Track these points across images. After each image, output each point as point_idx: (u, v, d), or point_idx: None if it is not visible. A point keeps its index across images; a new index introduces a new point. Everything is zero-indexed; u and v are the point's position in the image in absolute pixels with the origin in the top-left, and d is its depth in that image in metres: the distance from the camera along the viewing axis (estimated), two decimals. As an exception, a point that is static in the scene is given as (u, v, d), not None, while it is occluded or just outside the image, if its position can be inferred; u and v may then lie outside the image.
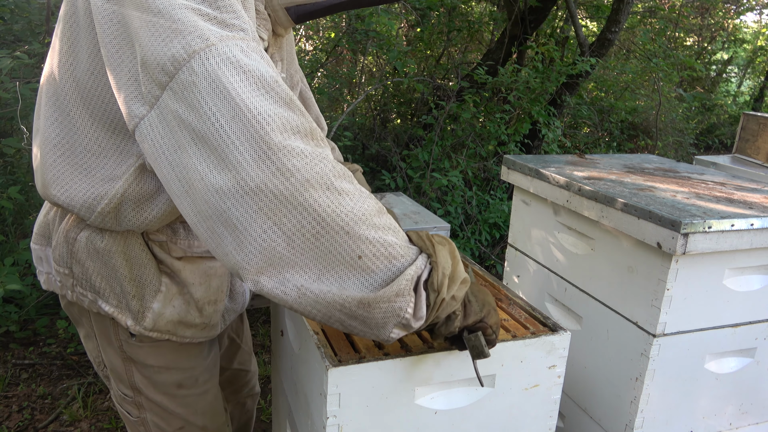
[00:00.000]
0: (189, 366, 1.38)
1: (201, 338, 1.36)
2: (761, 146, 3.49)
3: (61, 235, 1.21)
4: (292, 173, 0.86)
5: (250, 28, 0.95)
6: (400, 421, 1.13)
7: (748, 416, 1.72)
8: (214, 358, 1.49)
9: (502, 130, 4.66)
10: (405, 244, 0.93)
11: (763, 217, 1.45)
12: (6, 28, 3.54)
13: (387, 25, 4.69)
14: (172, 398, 1.37)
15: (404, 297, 0.90)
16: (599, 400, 1.67)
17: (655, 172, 1.94)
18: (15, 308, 3.20)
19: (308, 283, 0.90)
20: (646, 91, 7.55)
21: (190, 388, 1.40)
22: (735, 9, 11.40)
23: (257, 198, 0.86)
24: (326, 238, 0.87)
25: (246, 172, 0.86)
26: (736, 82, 14.07)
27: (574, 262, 1.76)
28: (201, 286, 1.29)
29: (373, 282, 0.89)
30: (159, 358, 1.32)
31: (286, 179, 0.86)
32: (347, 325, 0.93)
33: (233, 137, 0.86)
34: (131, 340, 1.29)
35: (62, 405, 2.74)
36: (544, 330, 1.24)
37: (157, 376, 1.34)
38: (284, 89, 0.90)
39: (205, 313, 1.31)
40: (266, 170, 0.86)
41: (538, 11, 5.60)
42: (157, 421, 1.39)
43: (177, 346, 1.34)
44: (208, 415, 1.45)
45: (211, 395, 1.47)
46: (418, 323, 0.93)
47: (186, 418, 1.41)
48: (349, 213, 0.88)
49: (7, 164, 3.64)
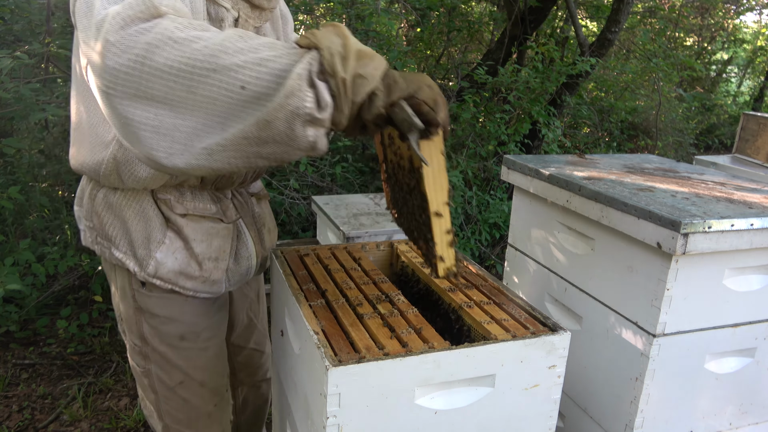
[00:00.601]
0: (192, 320, 1.50)
1: (204, 293, 1.48)
2: (761, 146, 3.49)
3: (86, 194, 1.43)
4: (131, 47, 0.89)
5: None
6: (400, 421, 1.13)
7: (748, 416, 1.72)
8: (220, 320, 1.60)
9: (502, 130, 4.66)
10: (285, 51, 0.92)
11: (763, 217, 1.45)
12: (6, 28, 3.54)
13: (387, 25, 4.69)
14: (174, 350, 1.50)
15: (297, 95, 0.89)
16: (599, 400, 1.67)
17: (655, 172, 1.94)
18: (15, 308, 3.21)
19: (213, 139, 0.91)
20: (646, 91, 7.54)
21: (191, 342, 1.51)
22: (735, 9, 11.39)
23: (120, 88, 0.91)
24: (200, 87, 0.88)
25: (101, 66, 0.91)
26: (736, 82, 14.07)
27: (574, 262, 1.76)
28: (202, 243, 1.43)
29: (267, 100, 0.90)
30: (165, 309, 1.46)
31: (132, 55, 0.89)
32: (267, 155, 0.94)
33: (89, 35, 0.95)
34: (142, 289, 1.44)
35: (62, 405, 2.74)
36: (544, 330, 1.24)
37: (162, 326, 1.47)
38: None
39: (205, 268, 1.45)
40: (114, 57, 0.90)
41: (538, 11, 5.60)
42: (160, 373, 1.52)
43: (183, 300, 1.47)
44: (207, 371, 1.56)
45: (211, 352, 1.57)
46: (325, 113, 0.92)
47: (186, 372, 1.53)
48: (205, 52, 0.87)
49: (7, 164, 3.64)
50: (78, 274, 3.49)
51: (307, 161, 4.12)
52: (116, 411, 2.73)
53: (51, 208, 3.69)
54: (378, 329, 1.20)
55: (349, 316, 1.25)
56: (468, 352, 1.14)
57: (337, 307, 1.29)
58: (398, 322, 1.24)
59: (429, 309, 1.48)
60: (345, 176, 4.31)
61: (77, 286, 3.52)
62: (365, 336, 1.17)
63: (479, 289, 1.44)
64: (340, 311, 1.27)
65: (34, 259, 3.14)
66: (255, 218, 1.61)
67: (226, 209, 1.51)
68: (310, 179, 4.17)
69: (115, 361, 3.07)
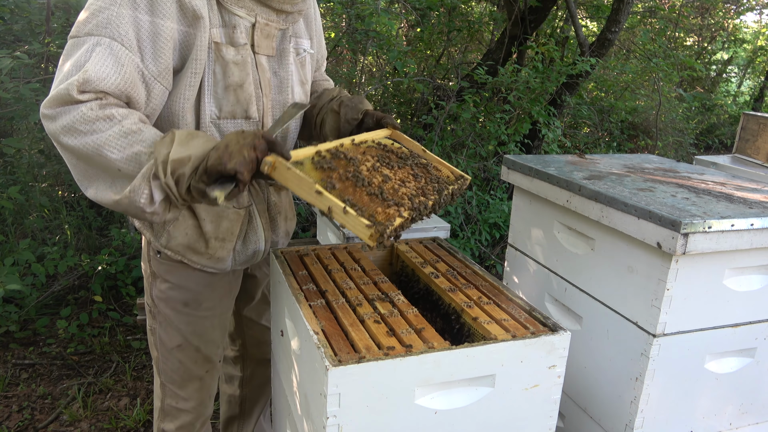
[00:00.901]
0: (197, 290, 1.65)
1: (210, 267, 1.62)
2: (761, 146, 3.49)
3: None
4: (54, 122, 1.26)
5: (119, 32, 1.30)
6: (400, 421, 1.13)
7: (748, 416, 1.72)
8: (225, 294, 1.73)
9: (502, 130, 4.66)
10: (149, 148, 1.24)
11: (763, 217, 1.45)
12: (6, 28, 3.54)
13: (387, 25, 4.69)
14: (177, 314, 1.66)
15: (136, 192, 1.22)
16: (599, 400, 1.67)
17: (655, 172, 1.94)
18: (15, 308, 3.21)
19: (100, 191, 1.29)
20: (646, 91, 7.55)
21: (193, 309, 1.67)
22: (735, 9, 11.39)
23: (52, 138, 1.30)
24: (93, 162, 1.27)
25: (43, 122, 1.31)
26: (736, 82, 14.06)
27: (574, 262, 1.76)
28: (212, 224, 1.56)
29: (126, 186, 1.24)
30: (173, 276, 1.63)
31: (53, 128, 1.26)
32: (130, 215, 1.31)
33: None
34: (157, 256, 1.62)
35: (62, 405, 2.74)
36: (544, 330, 1.24)
37: (170, 291, 1.64)
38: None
39: (211, 246, 1.58)
40: (47, 123, 1.28)
41: (538, 11, 5.60)
42: (162, 333, 1.69)
43: (190, 270, 1.62)
44: (203, 338, 1.71)
45: (209, 323, 1.71)
46: (153, 207, 1.24)
47: (185, 336, 1.68)
48: (96, 144, 1.24)
49: (7, 164, 3.64)
50: (78, 274, 3.49)
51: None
52: (116, 411, 2.73)
53: (51, 208, 3.69)
54: (378, 329, 1.20)
55: (349, 316, 1.25)
56: (468, 352, 1.14)
57: (337, 307, 1.29)
58: (398, 322, 1.24)
59: (429, 309, 1.48)
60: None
61: (77, 286, 3.52)
62: (365, 336, 1.17)
63: (479, 289, 1.44)
64: (340, 311, 1.27)
65: (34, 259, 3.14)
66: (270, 206, 1.69)
67: (240, 195, 1.61)
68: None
69: (115, 361, 3.07)
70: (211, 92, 1.45)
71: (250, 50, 1.48)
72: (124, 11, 1.29)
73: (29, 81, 3.22)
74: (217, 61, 1.43)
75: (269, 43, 1.52)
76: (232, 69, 1.44)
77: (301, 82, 1.66)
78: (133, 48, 1.31)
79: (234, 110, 1.49)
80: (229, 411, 2.16)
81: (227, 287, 1.73)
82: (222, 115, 1.48)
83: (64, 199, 3.84)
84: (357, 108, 1.66)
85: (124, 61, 1.29)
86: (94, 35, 1.29)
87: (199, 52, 1.38)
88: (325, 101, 1.75)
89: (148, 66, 1.33)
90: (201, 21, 1.36)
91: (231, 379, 2.12)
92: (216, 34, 1.42)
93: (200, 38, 1.38)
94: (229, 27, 1.44)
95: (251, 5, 1.45)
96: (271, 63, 1.55)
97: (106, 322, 3.37)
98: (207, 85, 1.44)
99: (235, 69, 1.45)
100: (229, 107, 1.48)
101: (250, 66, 1.48)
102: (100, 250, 3.52)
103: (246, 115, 1.51)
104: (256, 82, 1.51)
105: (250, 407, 2.15)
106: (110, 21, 1.29)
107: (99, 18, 1.29)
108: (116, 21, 1.29)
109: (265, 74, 1.53)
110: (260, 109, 1.54)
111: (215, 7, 1.41)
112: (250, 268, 1.86)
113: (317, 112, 1.75)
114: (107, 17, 1.29)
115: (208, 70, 1.43)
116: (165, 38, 1.33)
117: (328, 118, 1.72)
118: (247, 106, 1.50)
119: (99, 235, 3.77)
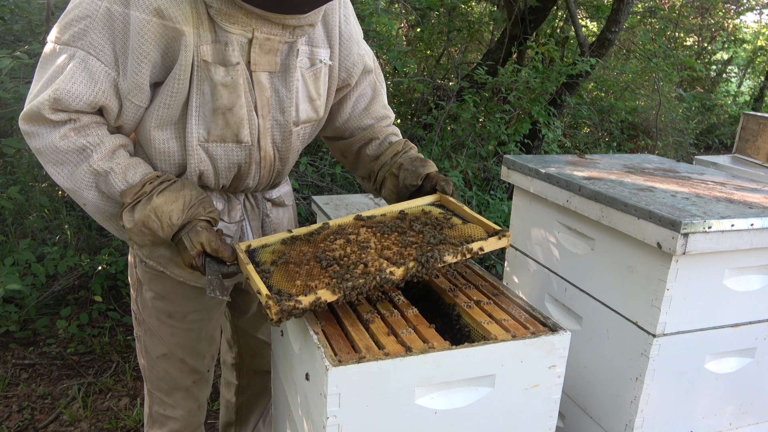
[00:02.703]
0: (181, 302, 1.60)
1: (193, 282, 1.57)
2: (761, 146, 3.49)
3: None
4: (31, 140, 1.34)
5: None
6: (400, 421, 1.13)
7: (748, 416, 1.72)
8: (212, 308, 1.67)
9: (502, 130, 4.66)
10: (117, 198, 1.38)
11: (763, 217, 1.45)
12: (6, 28, 3.54)
13: (387, 25, 4.68)
14: (161, 324, 1.62)
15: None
16: (599, 400, 1.67)
17: (655, 172, 1.94)
18: (15, 308, 3.20)
19: (85, 207, 1.42)
20: (646, 91, 7.55)
21: (177, 321, 1.62)
22: (735, 9, 11.39)
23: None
24: (68, 190, 1.36)
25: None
26: (736, 82, 14.06)
27: (574, 262, 1.76)
28: None
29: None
30: (158, 286, 1.58)
31: (31, 144, 1.34)
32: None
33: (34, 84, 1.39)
34: (142, 265, 1.57)
35: (62, 405, 2.74)
36: (544, 330, 1.24)
37: (155, 301, 1.60)
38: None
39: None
40: (27, 138, 1.35)
41: (538, 11, 5.60)
42: (147, 342, 1.66)
43: (175, 282, 1.57)
44: (188, 351, 1.66)
45: (195, 335, 1.66)
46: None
47: (168, 347, 1.64)
48: (69, 179, 1.36)
49: (7, 164, 3.64)
50: (78, 274, 3.49)
51: (307, 161, 4.13)
52: (116, 411, 2.73)
53: (51, 208, 3.69)
54: (378, 329, 1.20)
55: (349, 316, 1.25)
56: (468, 352, 1.13)
57: (337, 307, 1.29)
58: (398, 321, 1.24)
59: (429, 309, 1.48)
60: (345, 176, 4.31)
61: (77, 286, 3.52)
62: (365, 336, 1.17)
63: (479, 289, 1.44)
64: (340, 311, 1.27)
65: (34, 259, 3.14)
66: (264, 222, 1.64)
67: (232, 209, 1.56)
68: (310, 179, 4.17)
69: (115, 361, 3.07)
70: (198, 113, 1.37)
71: (243, 69, 1.37)
72: (101, 24, 1.25)
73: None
74: (206, 81, 1.34)
75: (271, 59, 1.40)
76: (220, 91, 1.35)
77: (309, 99, 1.52)
78: (109, 62, 1.28)
79: (223, 134, 1.41)
80: (227, 416, 2.13)
81: (213, 301, 1.66)
82: (210, 138, 1.41)
83: (64, 199, 3.83)
84: (417, 173, 1.57)
85: (97, 77, 1.28)
86: (71, 46, 1.27)
87: (180, 71, 1.31)
88: (388, 158, 1.63)
89: (122, 81, 1.30)
90: (183, 38, 1.28)
91: (229, 385, 2.09)
92: (205, 51, 1.31)
93: (182, 56, 1.30)
94: (221, 44, 1.33)
95: (247, 20, 1.32)
96: (272, 80, 1.44)
97: (106, 322, 3.37)
98: (194, 105, 1.36)
99: (224, 91, 1.35)
100: (217, 131, 1.40)
101: (242, 87, 1.37)
102: (100, 250, 3.52)
103: (236, 139, 1.42)
104: (250, 104, 1.41)
105: (246, 415, 2.11)
106: (87, 32, 1.26)
107: (77, 28, 1.26)
108: (93, 33, 1.26)
109: (263, 93, 1.43)
110: (253, 133, 1.44)
111: (206, 23, 1.30)
112: (243, 282, 1.79)
113: (379, 168, 1.64)
114: (84, 28, 1.26)
115: (196, 90, 1.35)
116: (142, 53, 1.27)
117: (387, 182, 1.62)
118: (238, 130, 1.41)
119: (99, 235, 3.77)
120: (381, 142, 1.68)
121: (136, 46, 1.27)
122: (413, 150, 1.66)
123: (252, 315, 1.91)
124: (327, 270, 1.26)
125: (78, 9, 1.27)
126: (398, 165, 1.60)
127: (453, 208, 1.52)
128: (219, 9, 1.30)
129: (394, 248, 1.32)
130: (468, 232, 1.39)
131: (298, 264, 1.30)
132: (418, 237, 1.37)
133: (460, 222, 1.44)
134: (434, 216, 1.46)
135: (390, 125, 1.75)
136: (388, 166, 1.62)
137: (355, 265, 1.26)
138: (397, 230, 1.41)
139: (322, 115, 1.61)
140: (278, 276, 1.28)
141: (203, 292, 1.61)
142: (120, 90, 1.32)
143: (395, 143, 1.67)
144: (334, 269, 1.25)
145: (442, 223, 1.42)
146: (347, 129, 1.72)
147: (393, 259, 1.28)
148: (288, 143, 1.53)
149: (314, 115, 1.56)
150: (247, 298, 1.87)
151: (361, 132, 1.71)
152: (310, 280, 1.23)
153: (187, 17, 1.27)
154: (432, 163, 1.59)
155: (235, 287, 1.80)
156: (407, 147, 1.66)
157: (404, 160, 1.61)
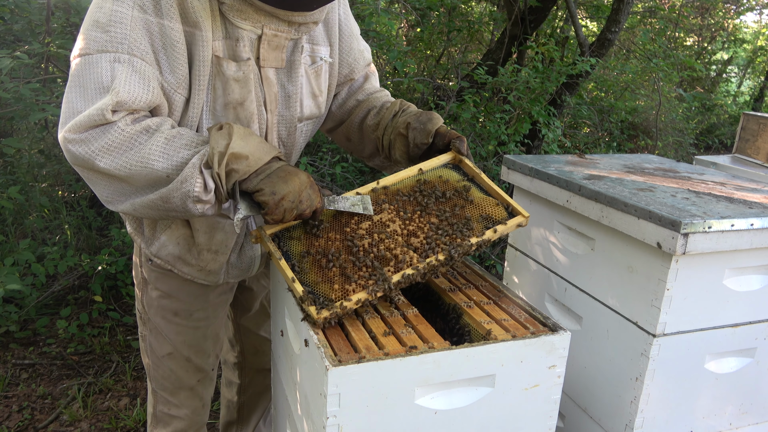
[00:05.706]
0: (187, 300, 1.61)
1: (201, 279, 1.58)
2: (761, 146, 3.49)
3: None
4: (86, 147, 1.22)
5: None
6: (400, 421, 1.13)
7: (748, 416, 1.72)
8: (218, 305, 1.69)
9: (502, 130, 4.65)
10: (194, 149, 1.24)
11: (763, 217, 1.45)
12: (6, 28, 3.54)
13: (387, 25, 4.69)
14: (167, 323, 1.63)
15: (189, 180, 1.20)
16: (599, 400, 1.67)
17: (655, 172, 1.94)
18: (15, 308, 3.20)
19: (139, 199, 1.27)
20: (646, 91, 7.54)
21: (183, 319, 1.63)
22: (735, 9, 11.39)
23: (79, 164, 1.27)
24: (136, 178, 1.24)
25: (66, 149, 1.26)
26: (736, 82, 14.05)
27: (574, 262, 1.76)
28: (205, 235, 1.51)
29: (169, 182, 1.24)
30: (165, 284, 1.59)
31: (85, 152, 1.22)
32: (170, 213, 1.28)
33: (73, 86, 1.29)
34: (148, 263, 1.58)
35: (62, 405, 2.74)
36: (544, 330, 1.24)
37: (160, 299, 1.61)
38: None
39: (202, 258, 1.54)
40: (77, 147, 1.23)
41: (538, 11, 5.60)
42: (153, 341, 1.67)
43: (181, 280, 1.58)
44: (194, 349, 1.67)
45: (201, 333, 1.67)
46: (209, 195, 1.23)
47: (174, 345, 1.65)
48: (141, 158, 1.22)
49: (7, 164, 3.64)
50: (78, 274, 3.49)
51: (307, 161, 4.12)
52: (116, 411, 2.73)
53: (51, 208, 3.69)
54: (378, 329, 1.20)
55: (349, 316, 1.25)
56: (468, 352, 1.14)
57: (337, 307, 1.29)
58: (398, 321, 1.24)
59: (429, 309, 1.48)
60: (345, 176, 4.31)
61: (77, 286, 3.52)
62: (365, 336, 1.17)
63: (479, 289, 1.44)
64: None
65: (34, 259, 3.14)
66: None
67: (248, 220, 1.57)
68: (310, 179, 4.15)
69: (115, 361, 3.07)
70: (209, 108, 1.38)
71: (253, 65, 1.40)
72: (135, 24, 1.24)
73: (29, 81, 3.22)
74: (218, 76, 1.36)
75: (278, 55, 1.43)
76: (232, 86, 1.37)
77: (312, 95, 1.55)
78: (152, 61, 1.27)
79: None
80: (228, 416, 2.15)
81: (219, 299, 1.69)
82: None
83: (64, 199, 3.84)
84: (426, 130, 1.52)
85: (147, 76, 1.26)
86: (109, 52, 1.23)
87: (200, 66, 1.32)
88: (388, 119, 1.59)
89: (167, 77, 1.29)
90: (200, 33, 1.30)
91: (230, 384, 2.10)
92: (218, 47, 1.34)
93: (201, 51, 1.31)
94: (232, 39, 1.35)
95: (257, 17, 1.35)
96: (279, 76, 1.46)
97: (106, 322, 3.37)
98: (206, 100, 1.37)
99: (235, 86, 1.37)
100: None
101: (252, 82, 1.40)
102: (100, 250, 3.52)
103: None
104: (259, 99, 1.44)
105: (248, 414, 2.13)
106: (125, 35, 1.23)
107: (111, 33, 1.23)
108: (131, 35, 1.24)
109: (271, 89, 1.45)
110: (262, 127, 1.47)
111: (218, 19, 1.33)
112: (246, 280, 1.81)
113: (382, 132, 1.61)
114: (121, 32, 1.23)
115: (208, 85, 1.36)
116: (178, 45, 1.28)
117: (396, 142, 1.58)
118: (248, 124, 1.42)
119: (99, 235, 3.77)
120: (378, 109, 1.67)
121: (173, 36, 1.28)
122: (412, 107, 1.63)
123: (255, 312, 1.93)
124: (360, 269, 1.30)
125: (102, 18, 1.24)
126: (405, 124, 1.55)
127: (469, 172, 1.54)
128: (231, 5, 1.32)
129: (420, 235, 1.37)
130: (488, 211, 1.45)
131: (327, 256, 1.30)
132: (441, 219, 1.41)
133: (479, 193, 1.48)
134: (453, 185, 1.48)
135: (385, 94, 1.75)
136: (392, 127, 1.58)
137: (387, 261, 1.31)
138: (419, 206, 1.43)
139: (324, 112, 1.64)
140: (313, 274, 1.28)
141: (209, 290, 1.64)
142: (166, 87, 1.30)
143: (392, 104, 1.65)
144: (367, 266, 1.30)
145: (462, 194, 1.47)
146: (344, 110, 1.72)
147: (421, 249, 1.35)
148: (292, 138, 1.55)
149: (317, 111, 1.59)
150: (250, 295, 1.89)
151: (357, 107, 1.70)
152: (347, 283, 1.26)
153: (207, 12, 1.31)
154: (438, 116, 1.55)
155: (239, 285, 1.82)
156: (404, 105, 1.63)
157: (410, 118, 1.56)
